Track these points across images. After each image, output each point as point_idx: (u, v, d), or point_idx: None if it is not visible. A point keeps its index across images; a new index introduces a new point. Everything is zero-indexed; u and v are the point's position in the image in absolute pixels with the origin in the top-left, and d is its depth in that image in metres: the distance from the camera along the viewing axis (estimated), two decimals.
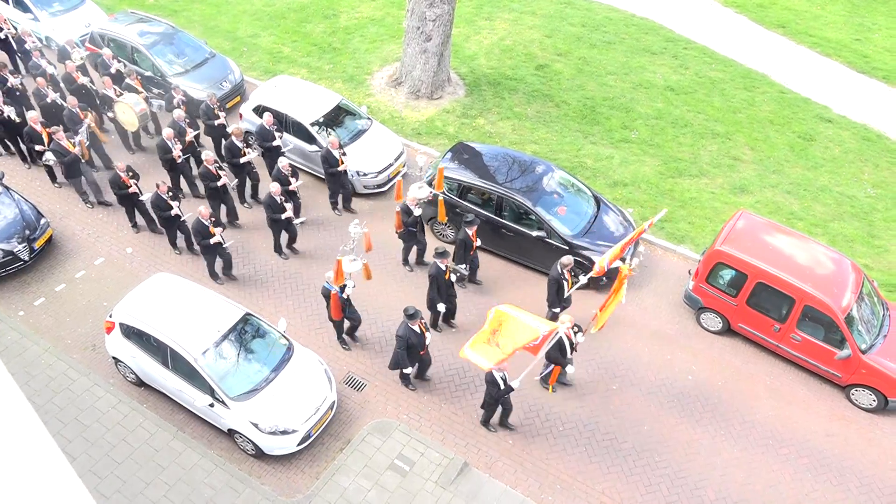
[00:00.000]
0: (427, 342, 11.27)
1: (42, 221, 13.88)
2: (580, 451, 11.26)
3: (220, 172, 13.64)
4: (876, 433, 11.62)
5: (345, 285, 11.45)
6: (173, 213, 13.19)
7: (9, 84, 15.63)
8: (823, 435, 11.55)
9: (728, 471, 11.10)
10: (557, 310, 12.25)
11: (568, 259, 11.83)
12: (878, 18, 21.65)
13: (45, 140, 14.35)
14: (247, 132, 15.73)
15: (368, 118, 15.97)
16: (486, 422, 11.52)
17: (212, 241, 12.74)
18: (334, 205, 14.96)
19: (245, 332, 11.55)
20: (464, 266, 11.93)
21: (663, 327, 12.99)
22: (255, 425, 10.69)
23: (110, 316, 11.83)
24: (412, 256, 13.82)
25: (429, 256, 13.22)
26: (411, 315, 10.81)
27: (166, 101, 15.60)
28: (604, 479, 10.94)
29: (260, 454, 10.99)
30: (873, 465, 11.20)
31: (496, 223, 13.50)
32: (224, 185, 13.77)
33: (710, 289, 12.51)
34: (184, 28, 18.69)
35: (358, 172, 14.91)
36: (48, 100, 15.19)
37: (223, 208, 14.32)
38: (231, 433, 11.11)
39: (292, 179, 13.65)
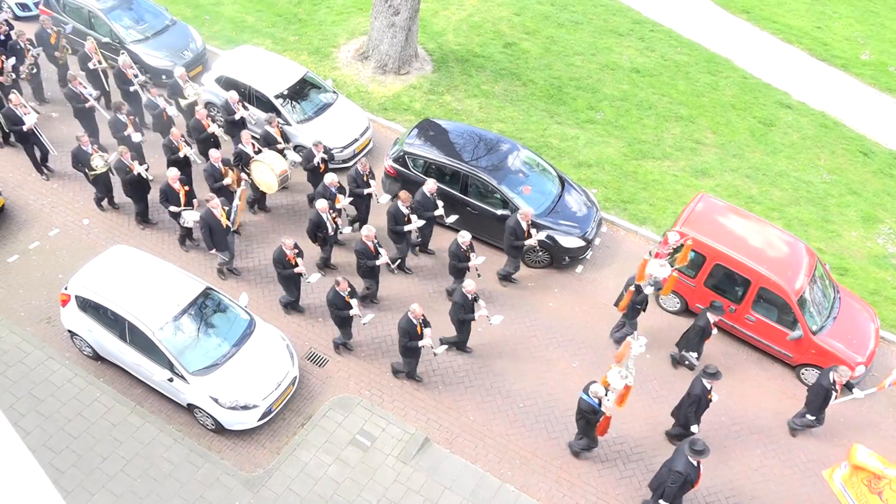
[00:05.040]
0: (701, 473, 9.71)
1: None
2: (539, 427, 11.43)
3: (378, 250, 12.01)
4: None
5: (601, 402, 10.13)
6: (352, 313, 11.40)
7: (126, 133, 13.61)
8: (773, 412, 11.92)
9: None
10: (812, 418, 11.23)
11: (844, 372, 10.66)
12: (839, 7, 22.05)
13: (182, 200, 12.72)
14: (208, 103, 15.43)
15: (334, 92, 15.76)
16: None
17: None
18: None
19: (206, 307, 11.40)
20: (695, 355, 10.64)
21: None
22: (216, 400, 10.61)
23: (66, 288, 11.57)
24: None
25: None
26: (700, 451, 9.28)
27: (304, 157, 13.46)
28: (561, 455, 11.15)
29: (220, 429, 10.93)
30: (819, 441, 11.62)
31: (461, 201, 13.51)
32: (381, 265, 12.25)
33: None
34: None
35: None
36: (180, 154, 13.22)
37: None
38: (190, 408, 11.02)
39: (472, 255, 12.11)
